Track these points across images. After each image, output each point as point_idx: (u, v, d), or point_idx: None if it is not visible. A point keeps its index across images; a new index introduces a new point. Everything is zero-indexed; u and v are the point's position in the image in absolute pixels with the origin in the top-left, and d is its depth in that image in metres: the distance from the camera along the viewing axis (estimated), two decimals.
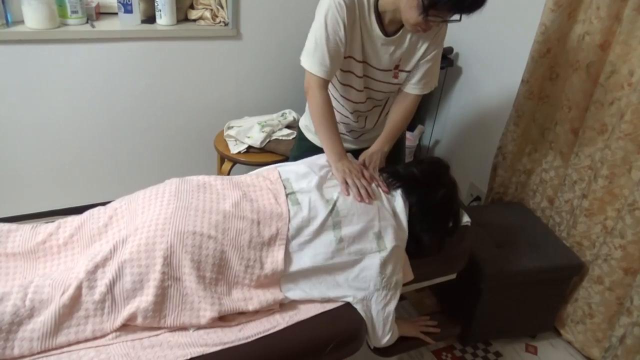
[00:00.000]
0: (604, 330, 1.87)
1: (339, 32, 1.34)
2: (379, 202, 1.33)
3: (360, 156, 1.51)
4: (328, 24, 1.33)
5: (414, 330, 1.48)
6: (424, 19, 1.25)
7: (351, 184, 1.32)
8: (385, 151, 1.54)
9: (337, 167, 1.37)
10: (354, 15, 1.35)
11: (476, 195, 2.51)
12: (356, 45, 1.41)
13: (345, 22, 1.33)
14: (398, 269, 1.29)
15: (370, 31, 1.40)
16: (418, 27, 1.30)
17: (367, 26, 1.39)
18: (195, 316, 1.11)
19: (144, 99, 2.30)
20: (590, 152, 1.86)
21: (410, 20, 1.28)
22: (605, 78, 1.74)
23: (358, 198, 1.30)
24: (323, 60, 1.37)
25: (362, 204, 1.29)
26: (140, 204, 1.21)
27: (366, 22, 1.38)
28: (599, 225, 1.86)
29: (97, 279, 1.07)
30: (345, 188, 1.32)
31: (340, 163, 1.38)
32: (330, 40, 1.35)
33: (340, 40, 1.36)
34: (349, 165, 1.37)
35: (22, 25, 1.97)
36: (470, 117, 2.54)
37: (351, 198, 1.30)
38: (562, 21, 1.86)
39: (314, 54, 1.37)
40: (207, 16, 2.26)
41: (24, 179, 2.26)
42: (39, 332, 1.00)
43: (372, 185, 1.37)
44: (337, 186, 1.34)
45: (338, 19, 1.33)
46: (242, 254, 1.18)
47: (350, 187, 1.32)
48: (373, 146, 1.55)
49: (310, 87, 1.42)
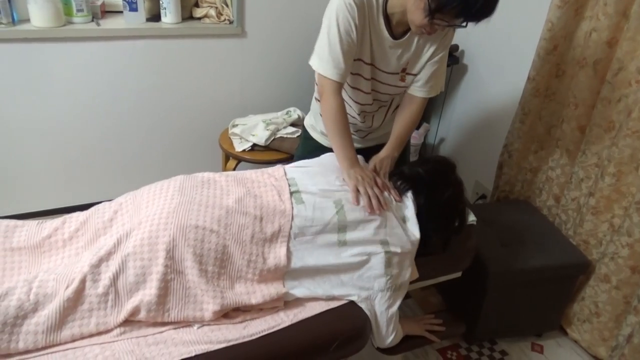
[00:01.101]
0: (611, 329, 1.85)
1: (351, 33, 1.32)
2: (388, 211, 1.31)
3: (371, 161, 1.48)
4: (340, 25, 1.31)
5: (419, 329, 1.47)
6: (429, 22, 1.23)
7: (363, 192, 1.29)
8: (395, 156, 1.51)
9: (349, 174, 1.34)
10: (364, 16, 1.33)
11: (482, 194, 2.50)
12: (365, 47, 1.39)
13: (356, 23, 1.31)
14: (404, 272, 1.28)
15: (379, 33, 1.38)
16: (423, 29, 1.28)
17: (376, 28, 1.37)
18: (199, 309, 1.11)
19: (149, 97, 2.30)
20: (597, 150, 1.85)
21: (415, 21, 1.26)
22: (613, 75, 1.73)
23: (368, 210, 1.26)
24: (337, 63, 1.34)
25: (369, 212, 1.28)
26: (144, 199, 1.22)
27: (375, 24, 1.36)
28: (606, 224, 1.85)
29: (101, 272, 1.08)
30: (356, 197, 1.29)
31: (353, 170, 1.34)
32: (343, 41, 1.32)
33: (352, 42, 1.33)
34: (362, 173, 1.34)
35: (28, 24, 1.99)
36: (476, 115, 2.53)
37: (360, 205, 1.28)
38: (568, 18, 1.85)
39: (329, 57, 1.33)
40: (212, 14, 2.26)
41: (30, 177, 2.27)
42: (43, 326, 1.01)
43: (385, 193, 1.35)
44: (347, 192, 1.32)
45: (350, 20, 1.30)
46: (245, 249, 1.18)
47: (361, 195, 1.29)
48: (383, 151, 1.51)
49: (324, 91, 1.38)
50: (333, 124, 1.38)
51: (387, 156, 1.49)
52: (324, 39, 1.35)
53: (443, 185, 1.37)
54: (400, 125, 1.54)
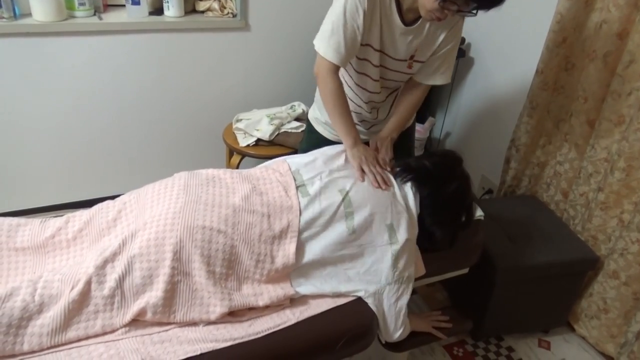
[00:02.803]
0: (620, 326, 1.84)
1: (357, 19, 1.31)
2: (392, 191, 1.32)
3: (371, 140, 1.51)
4: (347, 11, 1.30)
5: (425, 326, 1.45)
6: (439, 6, 1.21)
7: (367, 171, 1.33)
8: (394, 138, 1.54)
9: (352, 154, 1.38)
10: (375, 1, 1.32)
11: (488, 188, 2.48)
12: (375, 33, 1.38)
13: (365, 9, 1.30)
14: (410, 263, 1.27)
15: (390, 19, 1.36)
16: (432, 14, 1.26)
17: (387, 14, 1.35)
18: (205, 312, 1.10)
19: (152, 91, 2.28)
20: (606, 144, 1.82)
21: (426, 5, 1.25)
22: (623, 68, 1.70)
23: (375, 184, 1.30)
24: (338, 47, 1.34)
25: (376, 195, 1.28)
26: (149, 198, 1.20)
27: (387, 9, 1.35)
28: (615, 219, 1.82)
29: (106, 274, 1.07)
30: (361, 174, 1.32)
31: (356, 149, 1.38)
32: (347, 27, 1.32)
33: (357, 28, 1.32)
34: (365, 152, 1.38)
35: (30, 18, 1.97)
36: (483, 109, 2.50)
37: (364, 189, 1.29)
38: (578, 9, 1.81)
39: (330, 39, 1.34)
40: (215, 7, 2.23)
41: (32, 172, 2.26)
42: (48, 328, 1.00)
43: (387, 173, 1.37)
44: (349, 177, 1.33)
45: (358, 6, 1.29)
46: (253, 249, 1.17)
47: (366, 174, 1.32)
48: (382, 132, 1.55)
49: (321, 71, 1.39)
50: (333, 102, 1.41)
51: (386, 136, 1.52)
52: (329, 20, 1.35)
53: (449, 178, 1.36)
54: (402, 108, 1.57)
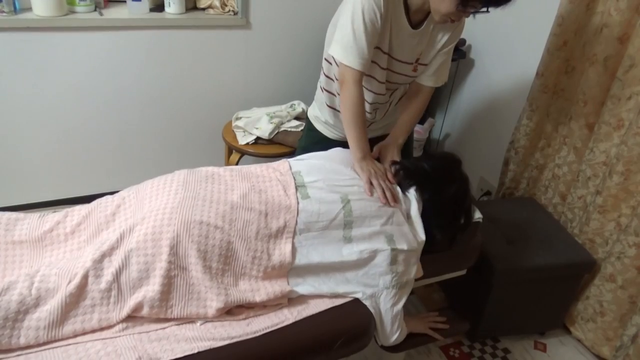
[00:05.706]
0: (615, 329, 1.84)
1: (376, 22, 1.30)
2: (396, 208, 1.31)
3: (375, 148, 1.51)
4: (365, 14, 1.29)
5: (422, 327, 1.46)
6: (461, 9, 1.21)
7: (376, 185, 1.31)
8: (400, 144, 1.54)
9: (361, 167, 1.36)
10: (388, 4, 1.31)
11: (486, 190, 2.48)
12: (384, 36, 1.37)
13: (382, 12, 1.29)
14: (410, 269, 1.27)
15: (399, 22, 1.36)
16: (447, 17, 1.26)
17: (397, 17, 1.35)
18: (202, 306, 1.10)
19: (152, 88, 2.28)
20: (605, 148, 1.82)
21: (442, 9, 1.24)
22: (624, 72, 1.70)
23: (383, 200, 1.29)
24: (362, 52, 1.32)
25: (377, 207, 1.27)
26: (148, 193, 1.20)
27: (396, 12, 1.34)
28: (613, 223, 1.83)
29: (103, 267, 1.06)
30: (369, 188, 1.31)
31: (365, 162, 1.37)
32: (368, 31, 1.30)
33: (376, 31, 1.32)
34: (374, 166, 1.36)
35: (30, 13, 1.96)
36: (482, 111, 2.50)
37: (366, 200, 1.28)
38: (579, 13, 1.82)
39: (353, 46, 1.32)
40: (217, 5, 2.23)
41: (31, 167, 2.26)
42: (45, 321, 1.00)
43: (396, 187, 1.35)
44: (353, 186, 1.31)
45: (375, 8, 1.28)
46: (249, 245, 1.17)
47: (375, 188, 1.31)
48: (388, 138, 1.55)
49: (346, 81, 1.37)
50: (352, 113, 1.39)
51: (391, 143, 1.53)
52: (347, 27, 1.32)
53: (448, 181, 1.36)
54: (407, 114, 1.57)
